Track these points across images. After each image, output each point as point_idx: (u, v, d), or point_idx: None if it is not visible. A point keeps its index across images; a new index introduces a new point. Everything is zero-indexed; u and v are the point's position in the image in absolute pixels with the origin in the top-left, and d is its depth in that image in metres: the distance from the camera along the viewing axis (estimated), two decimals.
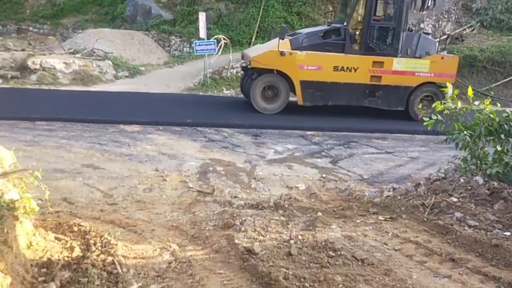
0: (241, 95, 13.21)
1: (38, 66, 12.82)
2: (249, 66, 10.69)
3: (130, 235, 3.65)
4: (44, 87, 12.22)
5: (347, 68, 10.35)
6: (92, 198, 5.34)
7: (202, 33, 13.66)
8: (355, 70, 10.37)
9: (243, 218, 3.84)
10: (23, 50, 15.30)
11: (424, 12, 18.16)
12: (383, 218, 4.16)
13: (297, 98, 10.52)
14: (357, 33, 10.57)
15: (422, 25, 17.47)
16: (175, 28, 18.44)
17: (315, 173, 7.01)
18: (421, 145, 9.15)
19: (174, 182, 6.13)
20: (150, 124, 9.06)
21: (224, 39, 14.40)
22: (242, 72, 12.19)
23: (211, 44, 13.20)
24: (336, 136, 9.47)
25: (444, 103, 4.81)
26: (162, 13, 19.63)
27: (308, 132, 9.59)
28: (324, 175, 6.91)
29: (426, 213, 4.14)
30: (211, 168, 6.83)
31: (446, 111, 4.86)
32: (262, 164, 7.26)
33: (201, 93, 13.09)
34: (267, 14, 17.49)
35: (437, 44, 11.30)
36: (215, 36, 14.15)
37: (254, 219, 3.85)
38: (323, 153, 8.18)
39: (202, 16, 13.66)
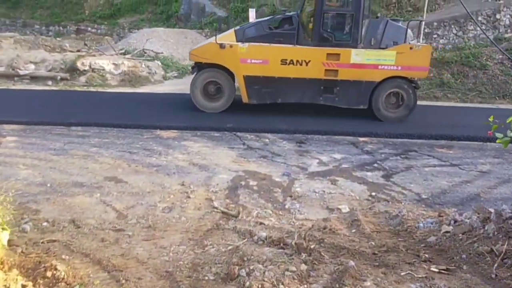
0: None
1: (87, 68, 12.75)
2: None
3: (111, 285, 3.01)
4: (92, 89, 12.11)
5: (297, 61, 9.05)
6: (103, 220, 4.81)
7: None
8: (307, 63, 9.06)
9: (251, 267, 3.07)
10: (78, 50, 15.47)
11: (501, 1, 16.22)
12: (436, 270, 3.21)
13: (241, 95, 9.46)
14: (310, 21, 9.28)
15: (498, 16, 15.61)
16: (229, 26, 17.91)
17: (363, 191, 6.06)
18: (494, 156, 7.83)
19: (198, 199, 5.48)
20: (188, 129, 8.49)
21: None
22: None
23: None
24: (392, 144, 8.39)
25: None
26: (216, 11, 19.22)
27: (361, 139, 8.58)
28: (373, 193, 5.96)
29: (495, 265, 3.14)
30: (243, 183, 6.10)
31: None
32: (302, 178, 6.42)
33: None
34: None
35: (408, 31, 9.63)
36: None
37: (265, 268, 3.06)
38: (375, 165, 7.17)
39: (252, 13, 12.88)
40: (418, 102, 12.75)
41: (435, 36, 15.50)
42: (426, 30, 15.07)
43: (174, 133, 8.32)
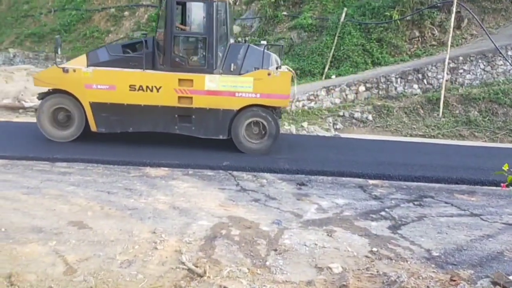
0: (303, 132, 11.70)
1: None
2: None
3: None
4: None
5: (147, 87, 8.38)
6: (46, 276, 4.14)
7: None
8: (158, 89, 8.39)
9: None
10: None
11: None
12: None
13: (89, 123, 8.69)
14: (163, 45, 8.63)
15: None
16: None
17: (363, 245, 5.18)
18: None
19: (166, 251, 4.74)
20: (180, 167, 7.81)
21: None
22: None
23: None
24: (406, 188, 7.46)
25: None
26: None
27: (371, 181, 7.69)
28: (375, 249, 5.07)
29: None
30: (224, 231, 5.32)
31: None
32: (295, 227, 5.59)
33: None
34: (343, 42, 15.82)
35: (273, 57, 8.91)
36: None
37: None
38: (382, 213, 6.27)
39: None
40: (441, 141, 11.90)
41: (461, 71, 14.56)
42: (451, 65, 14.19)
43: (164, 171, 7.66)
